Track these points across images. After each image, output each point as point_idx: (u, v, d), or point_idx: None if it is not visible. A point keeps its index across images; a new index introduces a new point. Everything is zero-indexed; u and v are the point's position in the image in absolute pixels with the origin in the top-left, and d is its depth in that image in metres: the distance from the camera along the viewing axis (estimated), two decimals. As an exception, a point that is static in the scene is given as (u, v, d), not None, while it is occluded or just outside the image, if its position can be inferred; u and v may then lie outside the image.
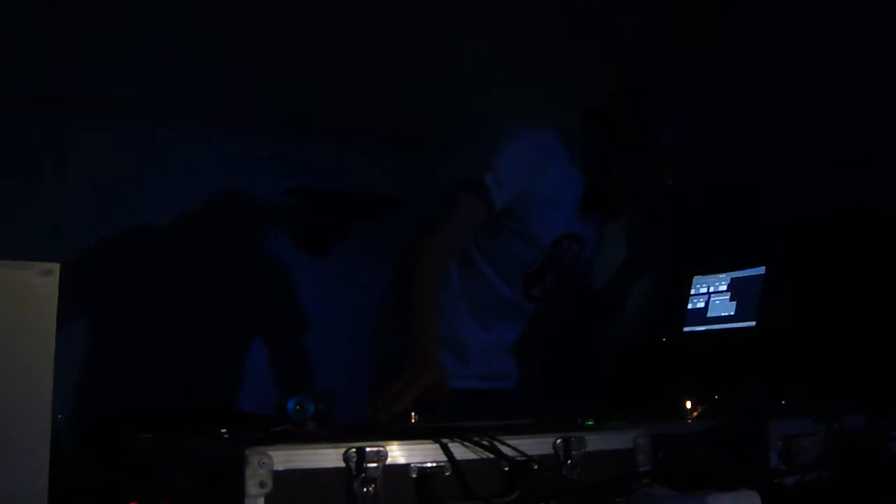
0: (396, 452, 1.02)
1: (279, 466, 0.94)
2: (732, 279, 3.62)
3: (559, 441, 1.14)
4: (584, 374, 3.66)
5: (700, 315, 3.70)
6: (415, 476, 1.03)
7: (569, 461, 1.14)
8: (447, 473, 1.05)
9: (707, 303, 3.70)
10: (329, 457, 0.98)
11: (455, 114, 3.38)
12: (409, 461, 1.03)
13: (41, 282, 0.92)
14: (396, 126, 3.75)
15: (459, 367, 1.97)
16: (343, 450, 0.99)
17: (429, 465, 1.04)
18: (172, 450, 1.09)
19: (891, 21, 2.64)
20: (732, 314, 3.54)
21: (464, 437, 1.07)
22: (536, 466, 1.10)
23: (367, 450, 0.99)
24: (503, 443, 1.09)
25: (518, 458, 1.09)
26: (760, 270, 3.49)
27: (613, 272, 2.15)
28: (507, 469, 1.08)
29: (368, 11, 2.81)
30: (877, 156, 3.41)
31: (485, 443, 1.08)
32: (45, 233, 3.09)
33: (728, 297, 3.60)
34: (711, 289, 3.71)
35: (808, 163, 3.69)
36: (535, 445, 1.12)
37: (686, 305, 3.78)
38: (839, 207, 3.19)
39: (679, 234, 2.79)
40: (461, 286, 1.98)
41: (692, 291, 3.80)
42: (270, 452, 0.94)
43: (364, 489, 0.98)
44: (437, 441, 1.06)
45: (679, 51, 2.87)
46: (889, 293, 2.76)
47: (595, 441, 1.17)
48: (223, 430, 1.09)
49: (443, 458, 1.05)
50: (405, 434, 1.07)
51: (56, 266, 0.93)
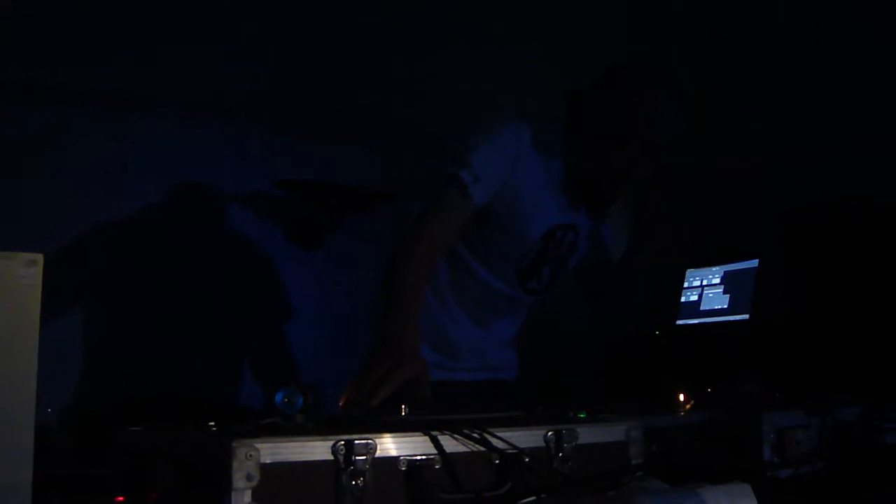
0: (386, 445, 1.01)
1: (266, 459, 0.93)
2: (726, 272, 3.62)
3: (551, 434, 1.13)
4: (578, 367, 3.67)
5: (693, 308, 3.70)
6: (404, 469, 1.02)
7: (560, 454, 1.12)
8: (437, 466, 1.04)
9: (700, 296, 3.70)
10: (317, 449, 0.97)
11: (447, 108, 3.38)
12: (399, 454, 1.02)
13: (25, 273, 0.90)
14: (389, 119, 3.75)
15: (447, 361, 1.96)
16: (331, 442, 0.98)
17: (418, 458, 1.03)
18: (160, 443, 1.08)
19: (883, 15, 2.64)
20: (726, 307, 3.54)
21: (454, 430, 1.06)
22: (527, 459, 1.09)
23: (356, 442, 0.98)
24: (494, 435, 1.08)
25: (509, 451, 1.08)
26: (753, 263, 3.49)
27: (622, 262, 2.11)
28: (498, 462, 1.07)
29: (362, 8, 2.80)
30: (869, 149, 3.42)
31: (475, 435, 1.07)
32: (31, 224, 3.07)
33: (721, 290, 3.60)
34: (705, 282, 3.71)
35: (802, 156, 3.70)
36: (527, 438, 1.11)
37: (679, 298, 3.78)
38: (832, 201, 3.20)
39: (675, 228, 2.78)
40: (452, 283, 1.97)
41: (685, 284, 3.80)
42: (258, 445, 0.92)
43: (353, 482, 0.97)
44: (427, 434, 1.05)
45: (673, 43, 2.87)
46: (882, 286, 2.76)
47: (587, 434, 1.16)
48: (211, 423, 1.08)
49: (433, 451, 1.04)
50: (394, 426, 1.06)
51: (40, 257, 0.91)
